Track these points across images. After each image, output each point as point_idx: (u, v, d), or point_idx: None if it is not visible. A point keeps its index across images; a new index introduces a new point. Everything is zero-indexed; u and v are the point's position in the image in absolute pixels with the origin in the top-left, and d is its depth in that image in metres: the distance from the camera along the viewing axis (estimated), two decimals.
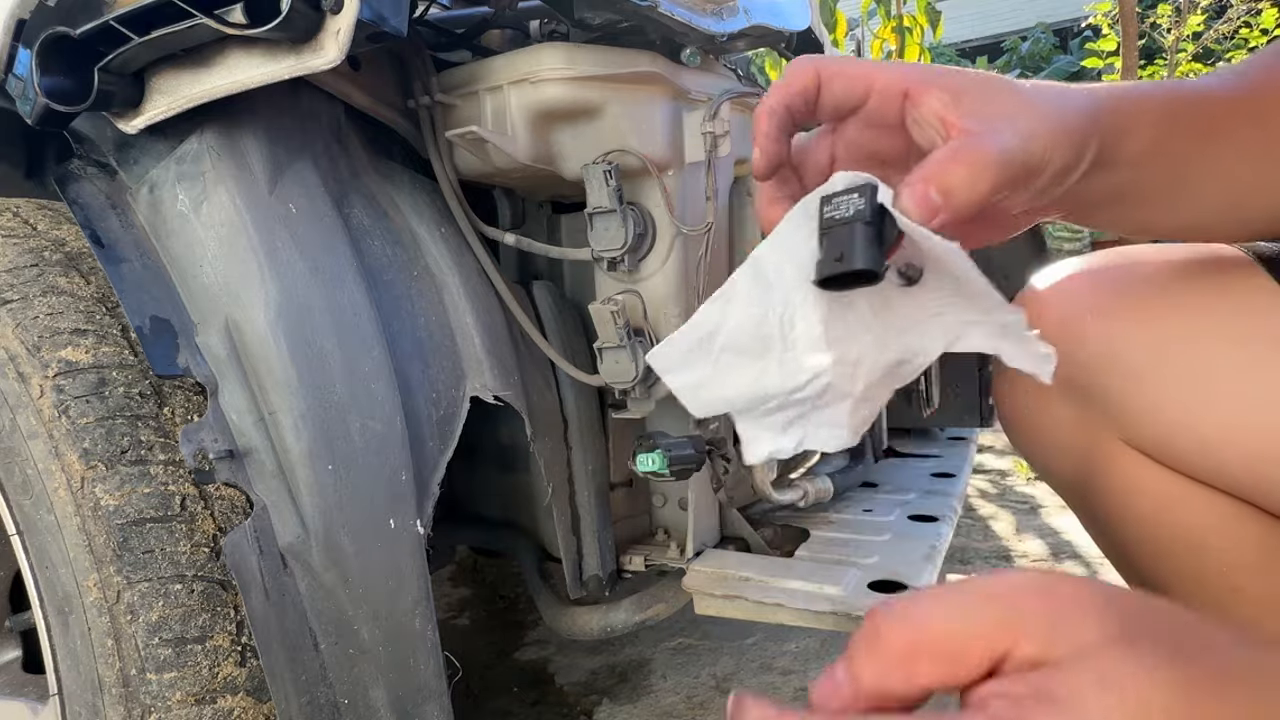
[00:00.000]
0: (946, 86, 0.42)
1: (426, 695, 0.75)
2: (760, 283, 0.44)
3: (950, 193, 0.38)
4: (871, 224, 0.39)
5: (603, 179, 0.81)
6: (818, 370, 0.44)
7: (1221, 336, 0.58)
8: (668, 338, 0.46)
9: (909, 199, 0.39)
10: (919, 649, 0.28)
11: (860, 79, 0.44)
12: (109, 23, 0.64)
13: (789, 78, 0.45)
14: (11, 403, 0.68)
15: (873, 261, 0.38)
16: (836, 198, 0.40)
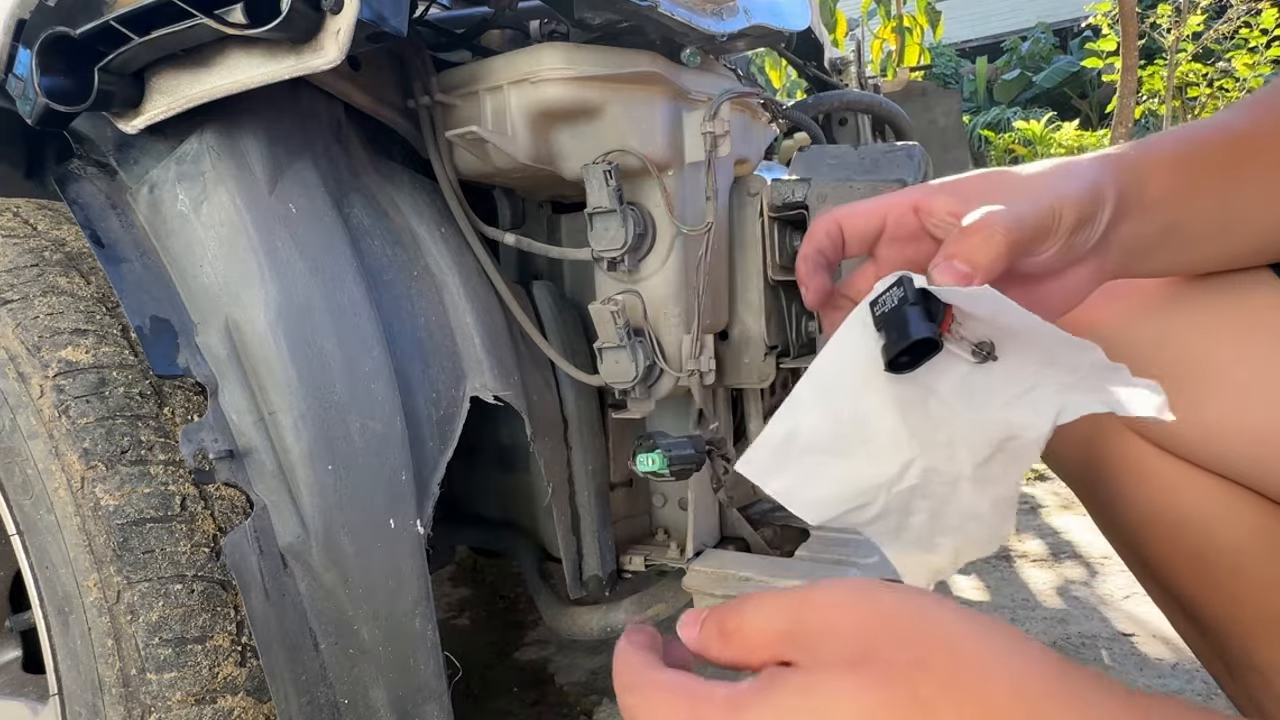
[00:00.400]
0: (951, 190, 0.47)
1: (426, 695, 0.75)
2: (821, 391, 0.46)
3: (973, 259, 0.42)
4: (917, 304, 0.42)
5: (603, 179, 0.81)
6: (907, 458, 0.45)
7: (1223, 326, 0.60)
8: (751, 449, 0.46)
9: (940, 275, 0.42)
10: (730, 634, 0.35)
11: (874, 212, 0.50)
12: (109, 23, 0.64)
13: (814, 231, 0.50)
14: (11, 403, 0.68)
15: (928, 331, 0.41)
16: (881, 297, 0.43)
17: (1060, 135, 8.07)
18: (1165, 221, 0.51)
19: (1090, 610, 1.57)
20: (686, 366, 0.86)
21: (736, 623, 0.35)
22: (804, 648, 0.32)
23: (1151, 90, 7.72)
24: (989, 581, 1.72)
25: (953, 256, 0.42)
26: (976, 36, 13.27)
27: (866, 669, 0.30)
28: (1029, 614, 1.55)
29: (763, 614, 0.34)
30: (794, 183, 0.87)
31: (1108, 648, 1.42)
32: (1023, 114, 9.21)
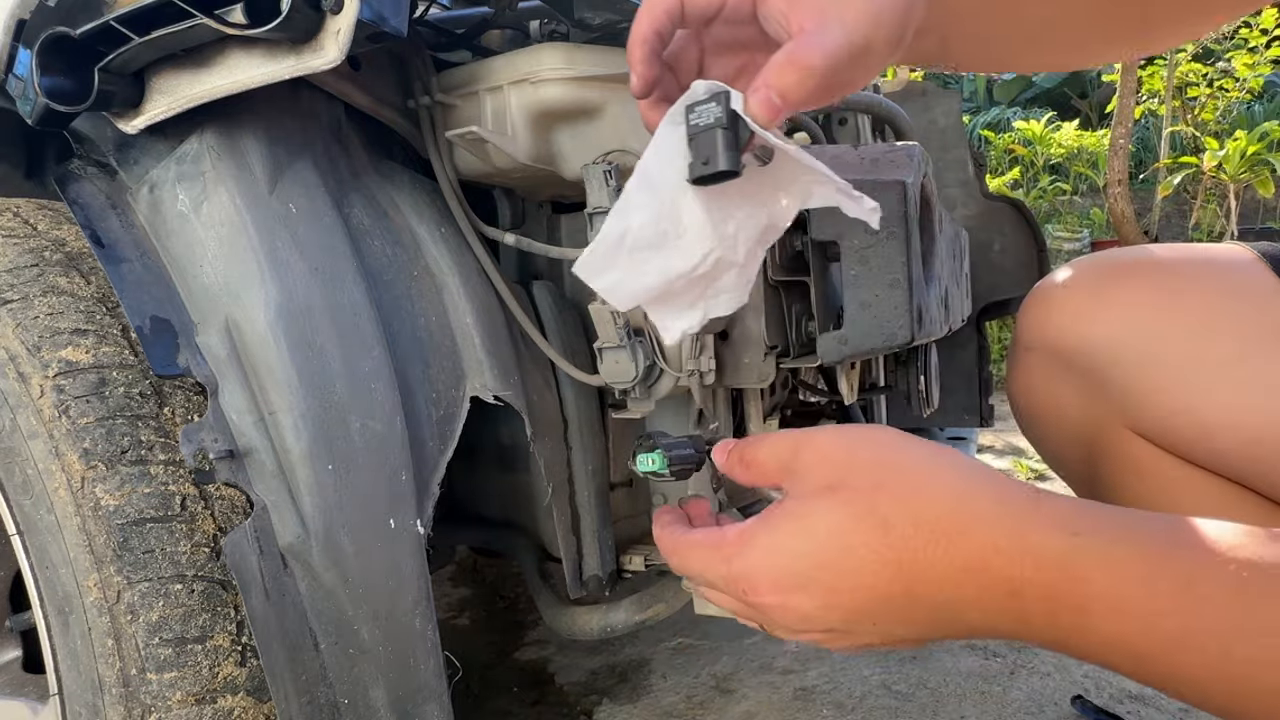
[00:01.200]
0: None
1: (426, 695, 0.75)
2: (648, 187, 0.51)
3: (786, 94, 0.46)
4: (728, 129, 0.46)
5: (603, 179, 0.81)
6: (707, 249, 0.52)
7: (1221, 327, 0.61)
8: (587, 248, 0.52)
9: (755, 104, 0.46)
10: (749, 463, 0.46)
11: None
12: (109, 23, 0.64)
13: (654, 10, 0.50)
14: (12, 403, 0.68)
15: (733, 163, 0.46)
16: (699, 105, 0.47)
17: (1060, 135, 8.07)
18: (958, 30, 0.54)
19: None
20: (686, 366, 0.86)
21: (753, 455, 0.46)
22: (796, 477, 0.42)
23: (1151, 90, 7.72)
24: None
25: (772, 87, 0.45)
26: None
27: (839, 492, 0.39)
28: None
29: (771, 450, 0.45)
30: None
31: None
32: (1023, 114, 9.20)
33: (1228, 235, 6.69)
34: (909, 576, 0.37)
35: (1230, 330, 0.60)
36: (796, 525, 0.40)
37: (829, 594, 0.39)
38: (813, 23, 0.46)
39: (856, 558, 0.38)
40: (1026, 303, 0.72)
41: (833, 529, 0.39)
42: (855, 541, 0.38)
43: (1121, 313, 0.64)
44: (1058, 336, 0.68)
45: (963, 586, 0.36)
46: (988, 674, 1.34)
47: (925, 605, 0.37)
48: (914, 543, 0.37)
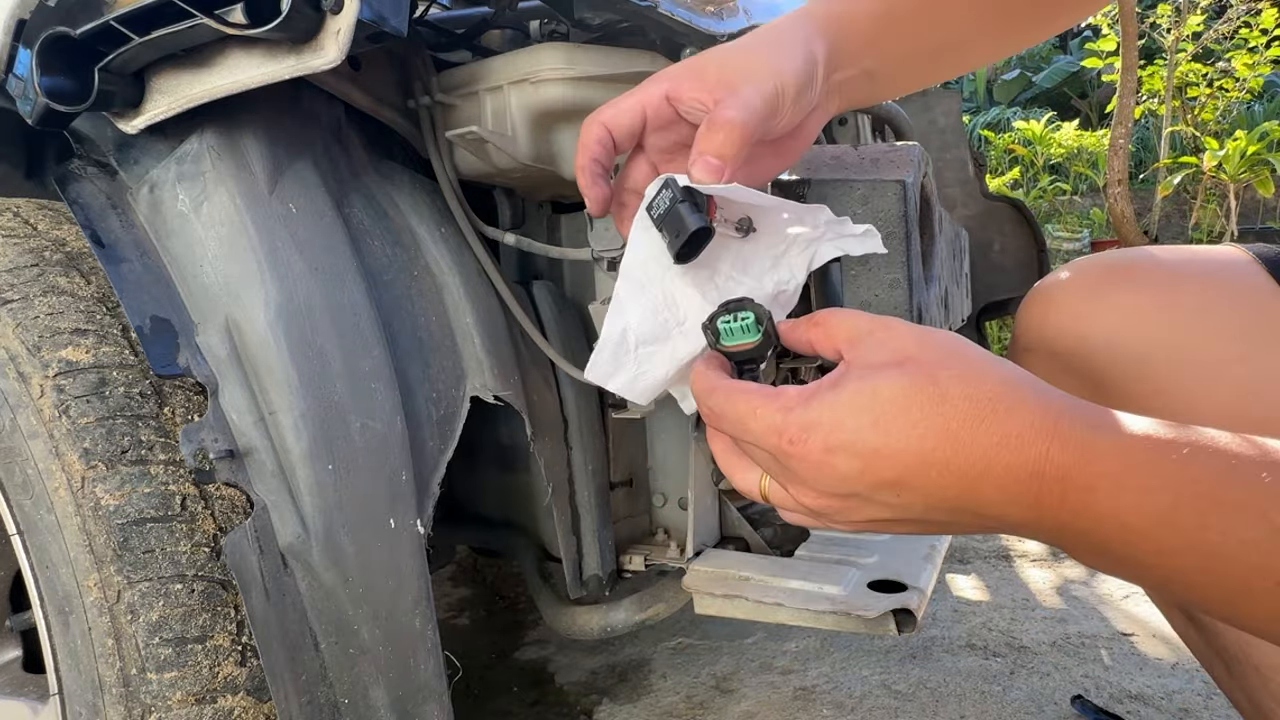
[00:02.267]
0: (694, 76, 0.53)
1: (426, 695, 0.75)
2: (636, 286, 0.53)
3: (721, 153, 0.49)
4: (685, 201, 0.49)
5: None
6: None
7: (1218, 328, 0.61)
8: (594, 353, 0.54)
9: (698, 172, 0.50)
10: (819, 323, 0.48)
11: (635, 108, 0.54)
12: (109, 23, 0.64)
13: (586, 142, 0.54)
14: (12, 402, 0.68)
15: (701, 222, 0.49)
16: (654, 200, 0.51)
17: (1060, 135, 8.07)
18: (870, 65, 0.59)
19: (1090, 610, 1.57)
20: None
21: (825, 317, 0.48)
22: (863, 349, 0.45)
23: (1151, 90, 7.73)
24: (989, 581, 1.72)
25: (704, 153, 0.50)
26: None
27: (905, 365, 0.42)
28: (1029, 614, 1.55)
29: (846, 320, 0.47)
30: (794, 183, 0.87)
31: (1107, 647, 1.42)
32: (1023, 114, 9.20)
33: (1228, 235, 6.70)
34: (952, 445, 0.40)
35: (1226, 331, 0.61)
36: (861, 388, 0.43)
37: (873, 456, 0.42)
38: (723, 91, 0.51)
39: (909, 421, 0.41)
40: (1025, 303, 0.73)
41: (895, 396, 0.42)
42: (913, 407, 0.41)
43: (1119, 314, 0.65)
44: (1056, 337, 0.68)
45: (995, 462, 0.40)
46: (988, 674, 1.34)
47: (955, 479, 0.41)
48: (965, 413, 0.40)
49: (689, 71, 0.54)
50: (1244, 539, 0.35)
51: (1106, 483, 0.38)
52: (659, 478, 1.07)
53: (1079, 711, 1.22)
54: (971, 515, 0.42)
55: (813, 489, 0.45)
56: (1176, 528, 0.37)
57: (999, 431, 0.40)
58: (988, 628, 1.50)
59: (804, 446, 0.43)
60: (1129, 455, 0.38)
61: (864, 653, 1.43)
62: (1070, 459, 0.39)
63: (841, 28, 0.57)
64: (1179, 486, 0.37)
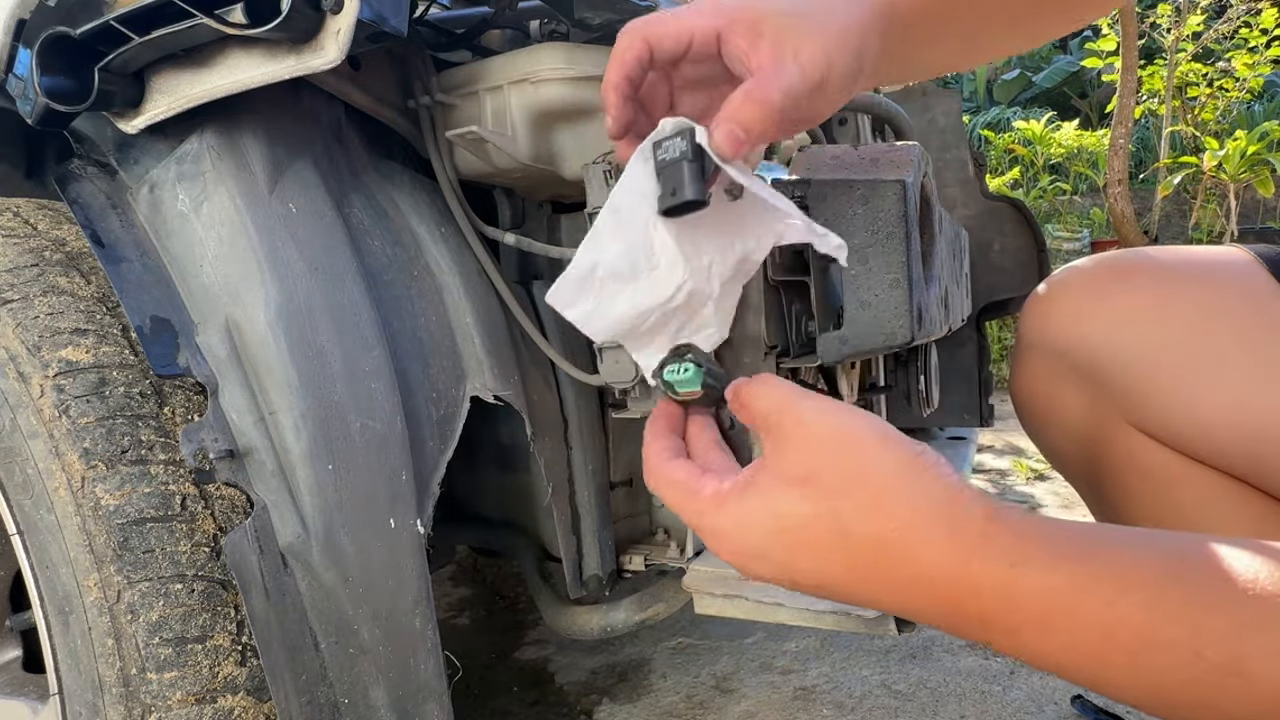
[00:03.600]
0: (750, 25, 0.50)
1: (426, 695, 0.75)
2: (619, 221, 0.53)
3: (749, 128, 0.48)
4: (694, 161, 0.48)
5: (603, 179, 0.81)
6: (679, 281, 0.53)
7: (1219, 326, 0.61)
8: (559, 279, 0.54)
9: (719, 138, 0.48)
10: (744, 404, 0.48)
11: (684, 34, 0.51)
12: (109, 23, 0.64)
13: (624, 50, 0.52)
14: (12, 402, 0.68)
15: (698, 193, 0.48)
16: (666, 141, 0.49)
17: (1060, 135, 8.07)
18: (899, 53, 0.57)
19: None
20: None
21: (748, 399, 0.47)
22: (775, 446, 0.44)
23: (1151, 90, 7.72)
24: None
25: (734, 121, 0.48)
26: None
27: (808, 485, 0.42)
28: None
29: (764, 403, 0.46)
30: (794, 183, 0.87)
31: None
32: (1023, 114, 9.20)
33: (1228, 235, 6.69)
34: (858, 577, 0.41)
35: (1228, 329, 0.61)
36: (764, 507, 0.43)
37: (783, 568, 0.43)
38: (770, 62, 0.49)
39: (813, 551, 0.41)
40: (1029, 302, 0.73)
41: (797, 525, 0.42)
42: (814, 539, 0.41)
43: (1122, 312, 0.65)
44: (1058, 336, 0.69)
45: (907, 595, 0.40)
46: (988, 674, 1.34)
47: (869, 599, 0.42)
48: (867, 555, 0.40)
49: (746, 22, 0.51)
50: (1182, 679, 0.34)
51: (1029, 628, 0.37)
52: None
53: (1079, 711, 1.22)
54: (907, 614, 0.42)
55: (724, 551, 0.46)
56: (1109, 665, 0.36)
57: (906, 574, 0.39)
58: None
59: (720, 548, 0.45)
60: (1047, 600, 0.37)
61: (864, 653, 1.43)
62: (987, 603, 0.38)
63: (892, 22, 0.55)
64: (1105, 630, 0.36)
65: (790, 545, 0.42)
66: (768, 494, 0.43)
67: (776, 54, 0.49)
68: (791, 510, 0.42)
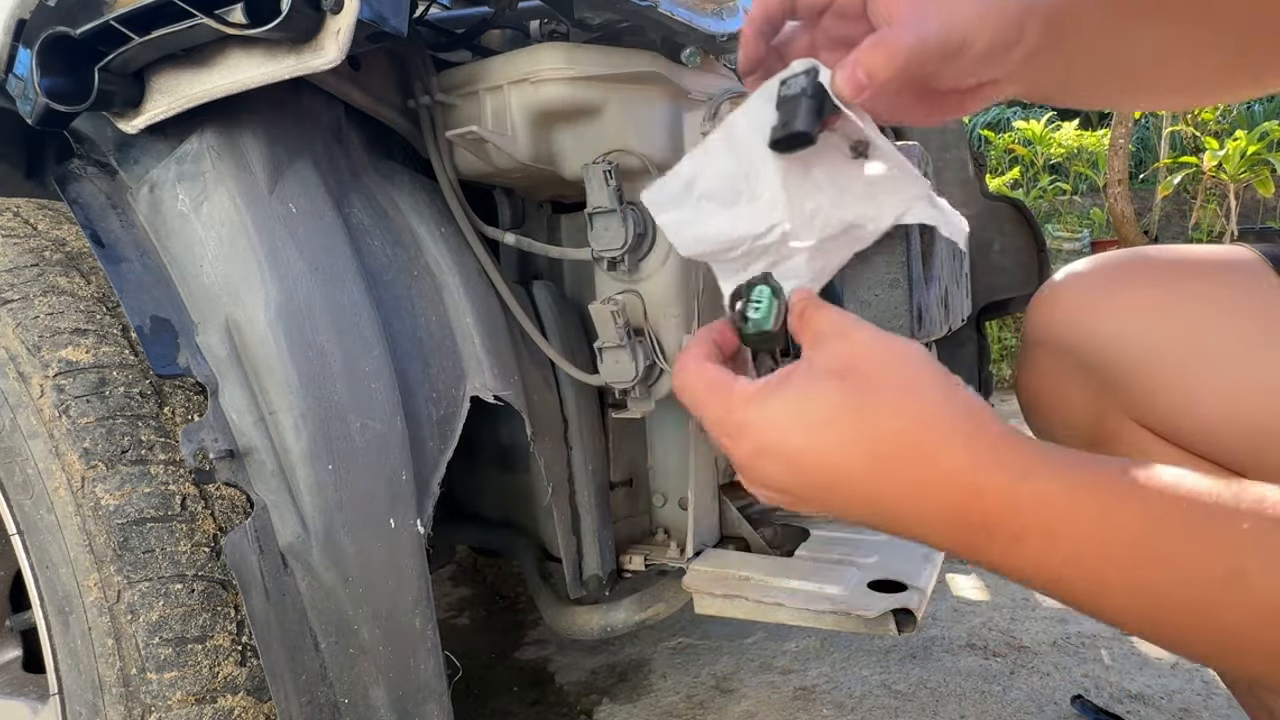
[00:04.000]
0: None
1: (426, 695, 0.75)
2: (731, 144, 0.53)
3: (873, 74, 0.47)
4: (813, 98, 0.48)
5: (603, 179, 0.81)
6: (776, 220, 0.52)
7: (1223, 323, 0.62)
8: (657, 181, 0.54)
9: (841, 79, 0.47)
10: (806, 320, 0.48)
11: None
12: (109, 23, 0.64)
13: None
14: (12, 402, 0.68)
15: (809, 125, 0.48)
16: (791, 79, 0.50)
17: (1060, 135, 8.06)
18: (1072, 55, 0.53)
19: None
20: None
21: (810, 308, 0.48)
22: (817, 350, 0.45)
23: None
24: (989, 581, 1.72)
25: (858, 65, 0.47)
26: None
27: (844, 378, 0.43)
28: (1029, 614, 1.55)
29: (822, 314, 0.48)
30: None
31: (1108, 647, 1.42)
32: (1023, 114, 9.20)
33: (1228, 235, 6.69)
34: (875, 472, 0.41)
35: (1232, 326, 0.61)
36: (798, 394, 0.44)
37: (798, 461, 0.43)
38: (910, 13, 0.48)
39: (837, 437, 0.42)
40: (1035, 300, 0.73)
41: (825, 407, 0.43)
42: (842, 422, 0.42)
43: (1127, 309, 0.65)
44: (1064, 333, 0.69)
45: (918, 498, 0.41)
46: (988, 674, 1.34)
47: (883, 503, 0.42)
48: (889, 448, 0.41)
49: None
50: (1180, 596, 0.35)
51: (1034, 534, 0.38)
52: (659, 478, 1.07)
53: (1079, 711, 1.22)
54: (904, 530, 0.43)
55: (753, 481, 0.46)
56: (1108, 584, 0.37)
57: (919, 477, 0.41)
58: (988, 628, 1.50)
59: (737, 446, 0.45)
60: (1052, 505, 0.38)
61: (864, 653, 1.43)
62: (992, 509, 0.39)
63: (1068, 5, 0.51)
64: (1104, 539, 0.36)
65: (813, 430, 0.42)
66: (802, 385, 0.44)
67: (918, 9, 0.48)
68: (823, 398, 0.43)
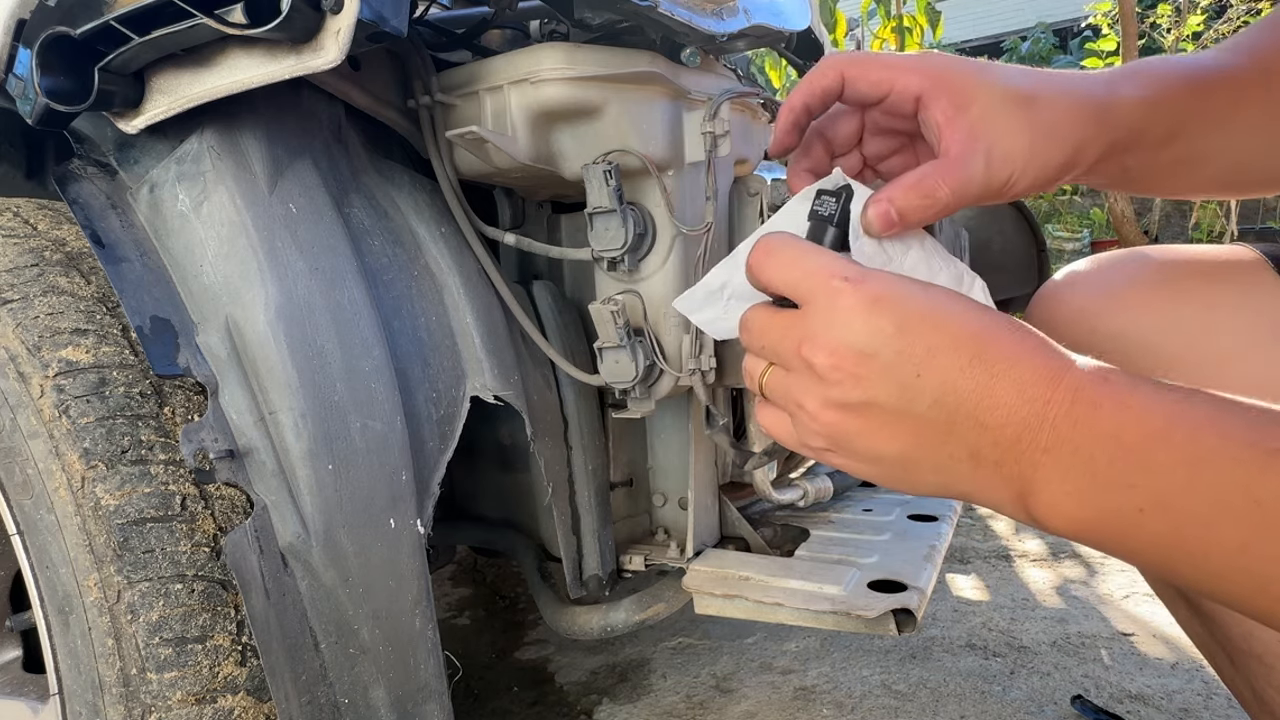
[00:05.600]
0: (954, 98, 0.49)
1: (426, 695, 0.75)
2: None
3: (905, 215, 0.48)
4: (839, 227, 0.49)
5: (603, 179, 0.81)
6: None
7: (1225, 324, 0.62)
8: (689, 290, 0.57)
9: (873, 213, 0.48)
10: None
11: (884, 83, 0.50)
12: (109, 23, 0.64)
13: (815, 77, 0.52)
14: (12, 402, 0.68)
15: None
16: (826, 195, 0.50)
17: None
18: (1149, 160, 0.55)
19: (1090, 610, 1.57)
20: (687, 366, 0.86)
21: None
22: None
23: None
24: (989, 581, 1.72)
25: (892, 203, 0.48)
26: (976, 36, 13.26)
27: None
28: (1029, 614, 1.55)
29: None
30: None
31: (1107, 647, 1.42)
32: None
33: (1228, 235, 6.69)
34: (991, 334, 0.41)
35: (1233, 327, 0.61)
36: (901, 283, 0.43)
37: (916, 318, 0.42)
38: (960, 147, 0.48)
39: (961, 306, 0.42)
40: (1034, 301, 0.73)
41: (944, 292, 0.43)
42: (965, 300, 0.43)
43: (1127, 311, 0.65)
44: (1064, 334, 0.69)
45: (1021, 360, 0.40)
46: (988, 674, 1.34)
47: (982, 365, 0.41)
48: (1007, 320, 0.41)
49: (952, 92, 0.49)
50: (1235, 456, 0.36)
51: (1110, 401, 0.39)
52: (659, 478, 1.07)
53: (1079, 711, 1.22)
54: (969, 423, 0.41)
55: (835, 337, 0.43)
56: (1169, 443, 0.37)
57: (1030, 342, 0.41)
58: (988, 628, 1.50)
59: (853, 290, 0.42)
60: (1136, 387, 0.39)
61: (864, 653, 1.43)
62: (1082, 377, 0.40)
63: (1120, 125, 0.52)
64: (1177, 412, 0.38)
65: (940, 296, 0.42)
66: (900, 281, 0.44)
67: (969, 143, 0.48)
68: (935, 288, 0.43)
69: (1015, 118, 0.49)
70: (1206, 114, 0.55)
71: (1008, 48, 11.70)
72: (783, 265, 0.45)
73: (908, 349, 0.41)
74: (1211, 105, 0.55)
